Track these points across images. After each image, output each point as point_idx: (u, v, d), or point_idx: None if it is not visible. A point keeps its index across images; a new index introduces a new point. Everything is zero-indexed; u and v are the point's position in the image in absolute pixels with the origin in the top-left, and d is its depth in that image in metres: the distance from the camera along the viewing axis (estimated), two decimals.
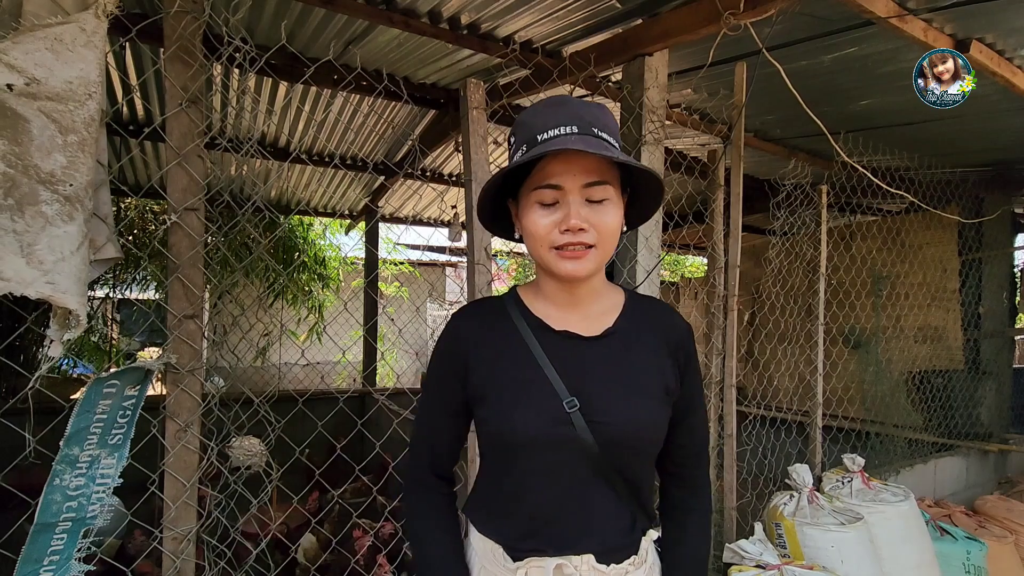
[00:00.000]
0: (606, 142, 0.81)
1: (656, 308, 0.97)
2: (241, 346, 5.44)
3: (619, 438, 0.85)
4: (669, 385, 0.90)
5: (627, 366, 0.89)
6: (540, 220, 0.83)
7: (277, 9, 2.13)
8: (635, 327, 0.92)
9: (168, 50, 1.18)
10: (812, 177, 2.54)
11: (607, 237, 0.83)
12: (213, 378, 5.62)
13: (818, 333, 2.58)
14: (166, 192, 1.21)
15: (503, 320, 0.92)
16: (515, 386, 0.87)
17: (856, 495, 2.36)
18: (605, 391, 0.86)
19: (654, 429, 0.88)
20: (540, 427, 0.84)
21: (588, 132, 0.80)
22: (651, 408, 0.88)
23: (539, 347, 0.88)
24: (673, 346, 0.92)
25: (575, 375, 0.87)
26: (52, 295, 0.96)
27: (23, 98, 0.91)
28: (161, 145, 3.57)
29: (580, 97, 0.83)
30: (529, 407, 0.85)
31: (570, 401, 0.84)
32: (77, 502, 1.13)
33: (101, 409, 1.13)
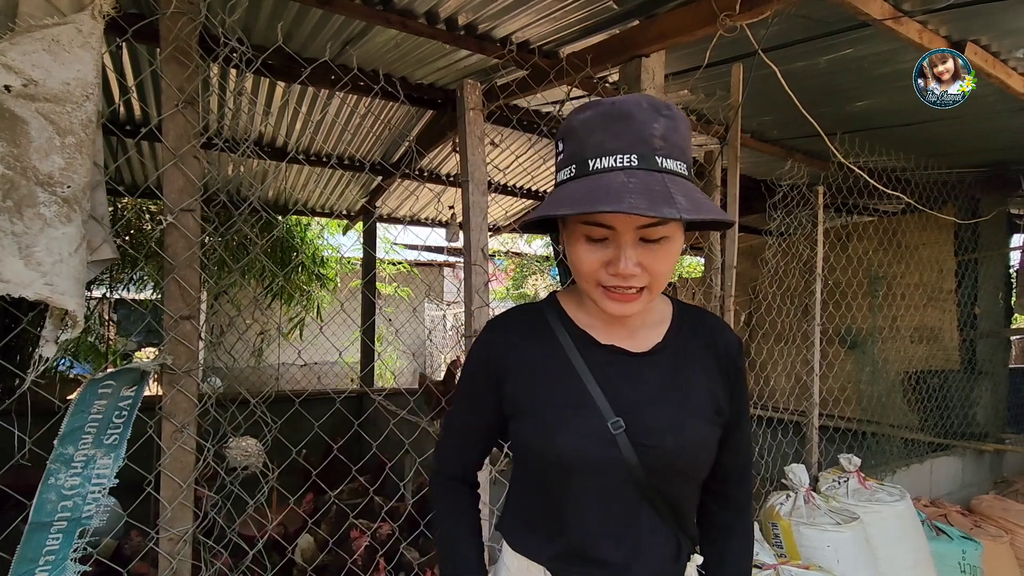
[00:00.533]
0: (673, 174, 0.69)
1: (707, 321, 0.90)
2: (238, 347, 5.43)
3: (668, 462, 0.79)
4: (720, 405, 0.84)
5: (678, 385, 0.83)
6: (586, 256, 0.74)
7: (274, 9, 2.13)
8: (685, 342, 0.86)
9: (164, 51, 1.18)
10: (809, 178, 2.55)
11: (660, 278, 0.75)
12: (210, 379, 5.61)
13: (814, 333, 2.59)
14: (162, 193, 1.21)
15: (543, 329, 0.86)
16: (557, 403, 0.82)
17: (852, 495, 2.37)
18: (654, 412, 0.80)
19: (705, 453, 0.83)
20: (584, 449, 0.79)
21: (652, 165, 0.68)
22: (702, 431, 0.82)
23: (583, 362, 0.82)
24: (724, 363, 0.86)
25: (622, 394, 0.81)
26: (51, 296, 0.96)
27: (21, 99, 0.91)
28: (158, 145, 3.56)
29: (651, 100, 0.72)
30: (572, 427, 0.80)
31: (616, 422, 0.78)
32: (72, 502, 1.13)
33: (96, 409, 1.13)
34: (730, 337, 0.89)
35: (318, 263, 6.25)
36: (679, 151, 0.71)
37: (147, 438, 1.23)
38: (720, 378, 0.85)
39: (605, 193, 0.66)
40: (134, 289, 5.35)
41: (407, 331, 7.15)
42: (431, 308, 9.70)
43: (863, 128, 2.86)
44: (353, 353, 6.19)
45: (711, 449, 0.83)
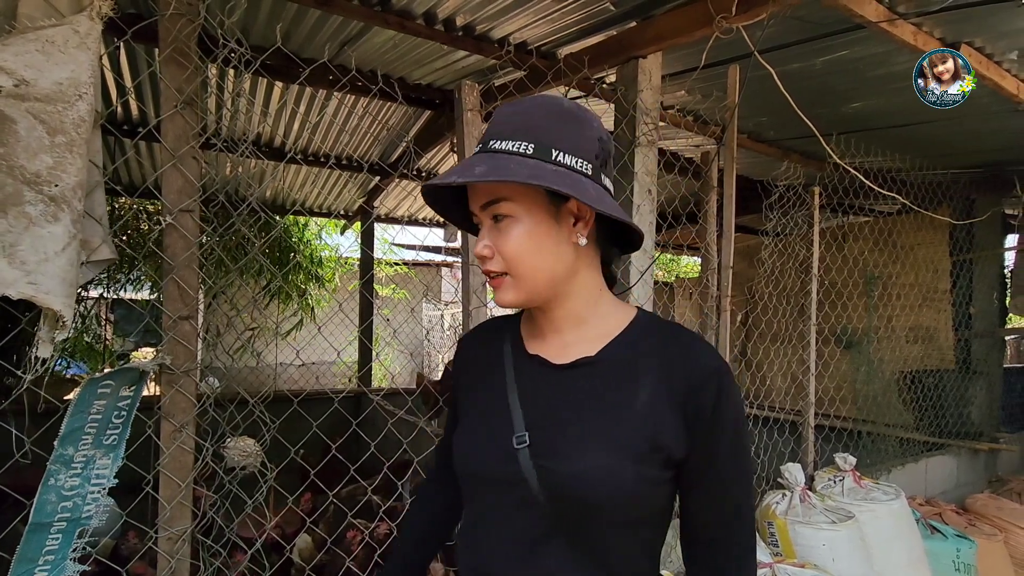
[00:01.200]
0: (502, 153, 0.70)
1: (673, 340, 0.75)
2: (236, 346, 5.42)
3: (565, 490, 0.70)
4: (660, 440, 0.70)
5: (597, 405, 0.73)
6: (473, 249, 0.81)
7: (273, 10, 2.14)
8: (627, 359, 0.75)
9: (163, 52, 1.19)
10: (805, 178, 2.56)
11: (516, 260, 0.72)
12: (209, 379, 5.61)
13: (810, 333, 2.61)
14: (161, 193, 1.21)
15: (496, 340, 0.85)
16: (477, 412, 0.81)
17: (848, 494, 2.38)
18: (560, 431, 0.73)
19: (614, 492, 0.69)
20: (484, 461, 0.76)
21: (485, 149, 0.72)
22: (610, 461, 0.69)
23: (512, 372, 0.79)
24: (682, 392, 0.71)
25: (537, 408, 0.75)
26: (35, 295, 0.96)
27: (11, 99, 0.92)
28: (156, 145, 3.56)
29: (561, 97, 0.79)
30: (479, 438, 0.78)
31: (520, 436, 0.73)
32: (72, 502, 1.14)
33: (96, 409, 1.13)
34: (700, 365, 0.72)
35: (316, 263, 6.25)
36: (520, 133, 0.71)
37: (144, 438, 1.24)
38: (671, 412, 0.70)
39: (438, 180, 0.72)
40: (132, 289, 5.34)
41: (405, 331, 7.16)
42: (429, 308, 9.71)
43: (859, 129, 2.88)
44: (352, 353, 6.19)
45: (624, 487, 0.69)
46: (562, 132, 0.72)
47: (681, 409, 0.71)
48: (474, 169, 0.69)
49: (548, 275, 0.74)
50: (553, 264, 0.73)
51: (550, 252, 0.73)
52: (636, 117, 1.89)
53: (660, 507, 0.74)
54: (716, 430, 0.71)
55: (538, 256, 0.72)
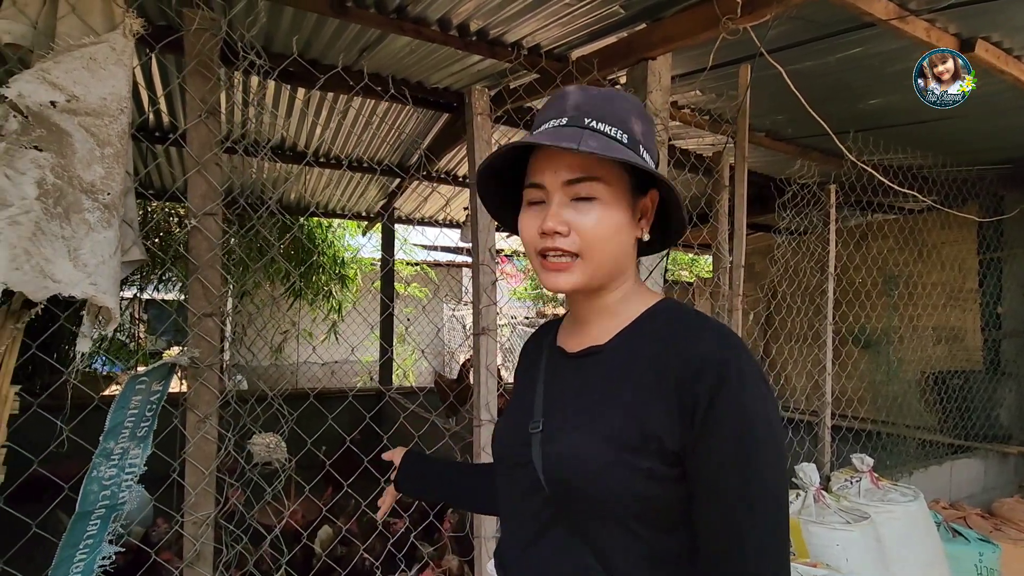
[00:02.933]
0: (600, 133, 0.70)
1: (681, 327, 0.71)
2: (261, 346, 5.58)
3: (557, 476, 0.71)
4: (649, 429, 0.66)
5: (596, 393, 0.73)
6: (525, 222, 0.75)
7: (293, 20, 2.22)
8: (632, 347, 0.73)
9: (188, 65, 1.26)
10: (821, 176, 2.54)
11: (594, 243, 0.70)
12: (236, 376, 5.80)
13: (826, 333, 2.58)
14: (186, 197, 1.29)
15: (545, 338, 0.90)
16: (514, 402, 0.86)
17: (864, 495, 2.36)
18: (563, 417, 0.75)
19: (593, 478, 0.67)
20: (506, 445, 0.81)
21: (578, 123, 0.71)
22: (592, 449, 0.68)
23: (543, 363, 0.83)
24: (674, 380, 0.65)
25: (552, 396, 0.79)
26: (95, 295, 1.04)
27: (65, 114, 0.99)
28: (183, 151, 3.70)
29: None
30: (509, 423, 0.83)
31: (535, 423, 0.76)
32: (110, 491, 1.22)
33: (133, 405, 1.21)
34: (697, 352, 0.66)
35: (338, 264, 6.38)
36: (613, 118, 0.72)
37: (168, 432, 1.31)
38: (663, 400, 0.66)
39: (523, 142, 0.70)
40: (163, 289, 5.55)
41: (426, 331, 7.26)
42: (448, 308, 9.80)
43: (877, 126, 2.84)
44: (372, 352, 6.30)
45: (609, 477, 0.66)
46: (644, 130, 0.74)
47: (675, 398, 0.65)
48: (588, 141, 0.67)
49: (613, 263, 0.74)
50: (620, 254, 0.73)
51: (622, 241, 0.73)
52: None
53: (665, 507, 0.67)
54: (715, 429, 0.62)
55: (613, 242, 0.72)
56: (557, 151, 0.70)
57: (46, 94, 0.97)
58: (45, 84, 0.97)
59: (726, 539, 0.63)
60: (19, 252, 0.94)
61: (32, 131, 0.96)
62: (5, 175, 0.92)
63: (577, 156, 0.69)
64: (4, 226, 0.92)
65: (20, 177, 0.93)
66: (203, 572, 1.28)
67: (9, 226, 0.92)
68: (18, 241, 0.94)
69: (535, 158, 0.74)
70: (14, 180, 0.93)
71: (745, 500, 0.62)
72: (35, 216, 0.95)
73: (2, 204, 0.92)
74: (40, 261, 0.95)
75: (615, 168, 0.71)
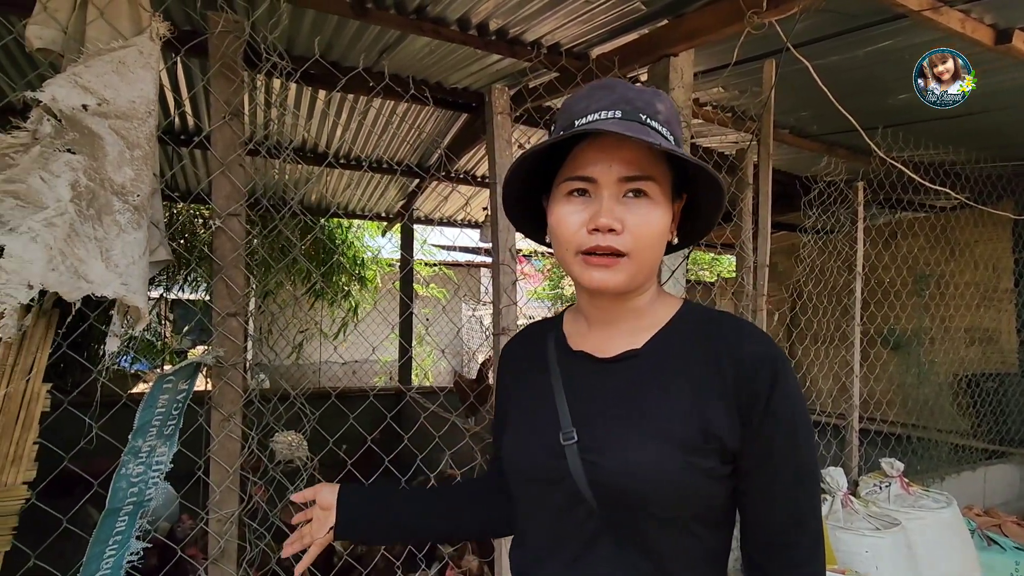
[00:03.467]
0: (655, 131, 0.67)
1: (719, 327, 0.73)
2: (282, 345, 5.66)
3: (613, 486, 0.68)
4: (711, 429, 0.67)
5: (640, 398, 0.71)
6: (566, 217, 0.70)
7: (315, 22, 2.24)
8: (674, 349, 0.73)
9: (213, 67, 1.28)
10: (848, 174, 2.48)
11: (645, 243, 0.68)
12: (258, 375, 5.90)
13: (854, 334, 2.52)
14: (211, 198, 1.30)
15: (539, 342, 0.84)
16: (525, 411, 0.80)
17: (894, 500, 2.30)
18: (605, 425, 0.71)
19: (665, 484, 0.66)
20: (533, 460, 0.75)
21: (634, 118, 0.67)
22: (657, 454, 0.67)
23: (557, 370, 0.78)
24: (731, 379, 0.68)
25: (582, 404, 0.74)
26: (125, 295, 1.06)
27: (96, 117, 1.01)
28: (207, 153, 3.76)
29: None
30: (528, 436, 0.77)
31: (567, 433, 0.72)
32: (138, 488, 1.24)
33: (161, 404, 1.23)
34: (750, 350, 0.69)
35: (358, 264, 6.44)
36: (663, 118, 0.70)
37: (193, 431, 1.33)
38: (722, 400, 0.68)
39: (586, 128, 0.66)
40: (188, 290, 5.66)
41: (445, 331, 7.29)
42: (467, 309, 9.83)
43: (906, 121, 2.76)
44: (392, 352, 6.34)
45: (679, 481, 0.66)
46: (679, 133, 0.73)
47: (733, 397, 0.67)
48: (657, 137, 0.66)
49: (653, 265, 0.72)
50: (659, 254, 0.72)
51: (663, 241, 0.72)
52: None
53: (719, 505, 0.70)
54: (771, 422, 0.67)
55: (659, 242, 0.70)
56: (612, 145, 0.67)
57: (78, 98, 0.99)
58: (77, 88, 0.99)
59: (785, 517, 0.69)
60: (55, 253, 0.96)
61: (65, 134, 0.98)
62: (41, 178, 0.93)
63: (635, 152, 0.67)
64: (40, 228, 0.93)
65: (55, 180, 0.95)
66: (227, 569, 1.30)
67: (45, 228, 0.94)
68: (54, 242, 0.95)
69: (583, 149, 0.70)
70: (49, 183, 0.95)
71: (799, 481, 0.69)
72: (69, 218, 0.97)
73: (38, 206, 0.94)
74: (74, 262, 0.97)
75: (664, 169, 0.70)
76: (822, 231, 2.53)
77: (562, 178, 0.72)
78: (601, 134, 0.68)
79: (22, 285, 0.92)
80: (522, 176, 0.75)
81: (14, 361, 1.05)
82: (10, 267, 0.90)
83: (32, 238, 0.92)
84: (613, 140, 0.67)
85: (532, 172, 0.76)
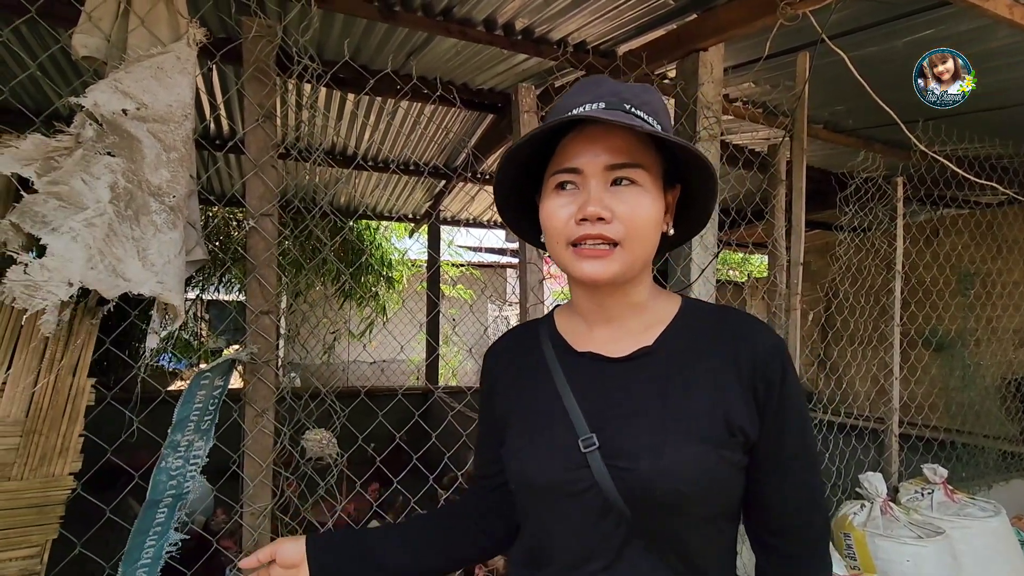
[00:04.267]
0: (641, 119, 0.67)
1: (727, 321, 0.74)
2: (312, 344, 5.77)
3: (647, 490, 0.66)
4: (735, 422, 0.68)
5: (666, 395, 0.69)
6: (556, 210, 0.68)
7: (344, 26, 2.28)
8: (686, 345, 0.72)
9: (246, 72, 1.31)
10: (886, 169, 2.39)
11: (636, 231, 0.67)
12: (290, 373, 6.03)
13: (894, 335, 2.43)
14: (244, 200, 1.33)
15: (532, 345, 0.80)
16: (531, 419, 0.75)
17: (938, 508, 2.21)
18: (630, 428, 0.68)
19: (705, 481, 0.66)
20: (551, 469, 0.70)
21: (619, 107, 0.67)
22: (695, 453, 0.66)
23: (561, 373, 0.74)
24: (748, 371, 0.69)
25: (598, 407, 0.71)
26: (161, 293, 1.10)
27: (135, 121, 1.05)
28: (241, 157, 3.87)
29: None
30: (541, 444, 0.72)
31: (587, 439, 0.68)
32: (177, 481, 1.28)
33: (199, 399, 1.26)
34: (762, 341, 0.71)
35: (385, 265, 6.53)
36: (651, 110, 0.69)
37: (227, 428, 1.36)
38: (741, 392, 0.69)
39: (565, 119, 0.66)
40: (223, 290, 5.82)
41: (471, 331, 7.32)
42: (494, 309, 9.86)
43: (949, 114, 2.64)
44: (419, 352, 6.40)
45: (713, 478, 0.66)
46: (669, 125, 0.72)
47: (751, 389, 0.69)
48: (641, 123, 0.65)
49: (647, 255, 0.71)
50: (653, 245, 0.71)
51: (656, 232, 0.70)
52: (696, 111, 1.85)
53: (739, 497, 0.71)
54: (785, 408, 0.69)
55: (651, 231, 0.69)
56: (598, 134, 0.67)
57: (118, 102, 1.02)
58: (118, 93, 1.02)
59: (801, 496, 0.72)
60: (94, 252, 0.99)
61: (106, 138, 1.01)
62: (82, 180, 0.97)
63: (621, 140, 0.67)
64: (81, 228, 0.97)
65: (95, 182, 0.99)
66: None
67: (86, 228, 0.98)
68: (93, 242, 0.99)
69: (569, 141, 0.69)
70: (90, 184, 0.99)
71: (811, 463, 0.73)
72: (108, 218, 1.00)
73: (79, 207, 0.98)
74: (112, 261, 1.01)
75: (654, 157, 0.70)
76: (858, 229, 2.45)
77: (550, 172, 0.71)
78: (587, 126, 0.67)
79: (63, 283, 0.95)
80: (512, 176, 0.74)
81: (61, 357, 1.10)
82: (52, 265, 0.94)
83: (73, 238, 0.96)
84: (599, 130, 0.67)
85: (524, 172, 0.75)
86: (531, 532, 0.76)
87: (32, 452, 1.05)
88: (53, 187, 0.96)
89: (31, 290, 0.92)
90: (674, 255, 1.89)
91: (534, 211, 0.77)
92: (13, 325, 1.04)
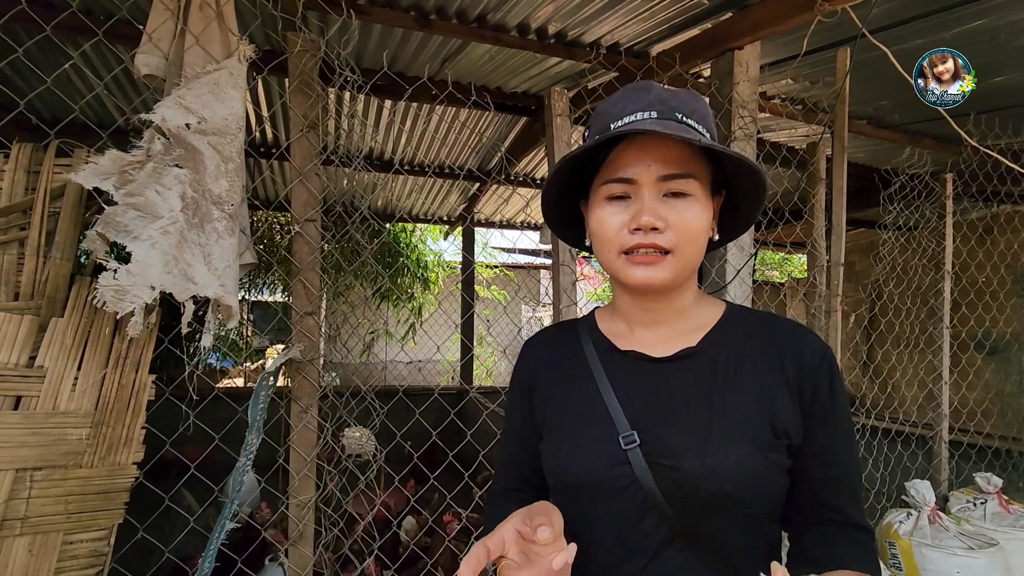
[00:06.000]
0: (693, 128, 0.68)
1: (772, 325, 0.75)
2: (353, 344, 5.92)
3: (690, 490, 0.66)
4: (781, 425, 0.68)
5: (710, 397, 0.70)
6: (608, 219, 0.70)
7: (381, 35, 2.35)
8: (731, 348, 0.73)
9: (292, 84, 1.38)
10: (934, 165, 2.31)
11: (688, 240, 0.68)
12: (330, 372, 6.21)
13: (943, 337, 2.34)
14: (289, 206, 1.40)
15: (573, 343, 0.81)
16: (572, 416, 0.76)
17: (991, 519, 2.11)
18: (673, 427, 0.69)
19: (748, 483, 0.66)
20: (592, 465, 0.70)
21: (671, 117, 0.68)
22: (739, 455, 0.66)
23: (602, 371, 0.75)
24: (794, 375, 0.70)
25: (640, 406, 0.71)
26: (222, 296, 1.17)
27: (197, 134, 1.13)
28: (286, 164, 4.01)
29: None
30: (581, 441, 0.73)
31: (628, 436, 0.69)
32: (239, 474, 1.36)
33: (261, 400, 1.34)
34: (809, 348, 0.72)
35: (421, 267, 6.64)
36: (700, 117, 0.70)
37: (270, 426, 1.43)
38: (787, 396, 0.69)
39: (623, 130, 0.67)
40: (267, 293, 6.04)
41: (505, 332, 7.37)
42: (527, 310, 9.89)
43: (1002, 106, 2.53)
44: (454, 352, 6.48)
45: (760, 480, 0.67)
46: (715, 131, 0.73)
47: (797, 394, 0.70)
48: (696, 134, 0.67)
49: (696, 260, 0.72)
50: (701, 250, 0.72)
51: (705, 238, 0.72)
52: (731, 111, 1.84)
53: (783, 497, 0.71)
54: (834, 413, 0.70)
55: (701, 238, 0.71)
56: (650, 144, 0.68)
57: (182, 117, 1.10)
58: (181, 108, 1.10)
59: (846, 490, 0.72)
60: (169, 258, 1.07)
61: (173, 151, 1.09)
62: (156, 191, 1.05)
63: (674, 150, 0.68)
64: (158, 236, 1.05)
65: (167, 192, 1.07)
66: (305, 551, 1.39)
67: (162, 235, 1.06)
68: (168, 248, 1.07)
69: (622, 150, 0.70)
70: (163, 195, 1.07)
71: (853, 457, 0.73)
72: (180, 226, 1.08)
73: (155, 216, 1.06)
74: (183, 266, 1.09)
75: (704, 166, 0.71)
76: (904, 227, 2.37)
77: (601, 181, 0.72)
78: (638, 135, 0.68)
79: (146, 287, 1.04)
80: (560, 183, 0.76)
81: (125, 355, 1.18)
82: (136, 271, 1.03)
83: (151, 245, 1.04)
84: (651, 140, 0.68)
85: (569, 178, 0.76)
86: (570, 531, 0.73)
87: (100, 442, 1.14)
88: (130, 198, 1.04)
89: (120, 294, 1.01)
90: (709, 256, 1.88)
91: (576, 215, 0.80)
92: (84, 325, 1.13)
